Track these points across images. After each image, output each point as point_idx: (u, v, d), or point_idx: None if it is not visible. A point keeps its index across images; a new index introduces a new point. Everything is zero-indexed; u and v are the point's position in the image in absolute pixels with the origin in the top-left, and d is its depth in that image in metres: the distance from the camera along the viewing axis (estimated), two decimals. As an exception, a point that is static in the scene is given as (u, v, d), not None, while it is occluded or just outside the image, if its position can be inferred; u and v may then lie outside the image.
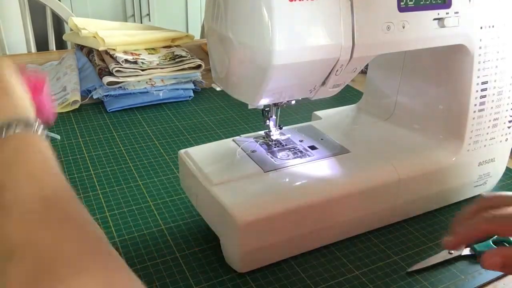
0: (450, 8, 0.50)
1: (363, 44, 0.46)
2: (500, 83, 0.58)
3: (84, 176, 0.68)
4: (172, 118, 0.88)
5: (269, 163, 0.54)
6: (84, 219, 0.30)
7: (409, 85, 0.63)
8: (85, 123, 0.85)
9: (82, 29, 1.03)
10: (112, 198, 0.63)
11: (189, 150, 0.57)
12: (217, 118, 0.89)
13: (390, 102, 0.66)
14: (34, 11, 1.45)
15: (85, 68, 1.02)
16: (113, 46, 0.97)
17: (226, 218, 0.47)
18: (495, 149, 0.61)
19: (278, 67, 0.43)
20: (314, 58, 0.45)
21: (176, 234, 0.56)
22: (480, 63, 0.55)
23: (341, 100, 0.96)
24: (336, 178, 0.53)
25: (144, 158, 0.74)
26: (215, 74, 0.53)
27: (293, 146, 0.59)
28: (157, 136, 0.81)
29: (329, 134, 0.62)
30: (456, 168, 0.59)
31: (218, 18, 0.47)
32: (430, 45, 0.52)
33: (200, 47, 1.30)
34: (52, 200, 0.30)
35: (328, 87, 0.50)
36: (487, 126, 0.59)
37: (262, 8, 0.42)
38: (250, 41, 0.44)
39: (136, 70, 0.92)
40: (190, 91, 0.97)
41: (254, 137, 0.59)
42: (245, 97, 0.50)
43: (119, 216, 0.59)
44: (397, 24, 0.48)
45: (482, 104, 0.57)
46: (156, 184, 0.66)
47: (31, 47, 1.41)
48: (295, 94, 0.51)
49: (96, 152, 0.75)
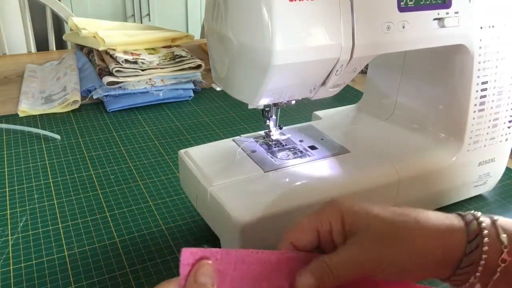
0: (450, 8, 0.50)
1: (363, 44, 0.46)
2: (500, 83, 0.58)
3: (84, 176, 0.68)
4: (172, 118, 0.88)
5: (269, 163, 0.54)
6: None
7: (409, 85, 0.63)
8: (85, 123, 0.85)
9: (82, 29, 1.03)
10: (112, 198, 0.63)
11: (189, 150, 0.57)
12: (217, 118, 0.89)
13: (390, 102, 0.66)
14: (34, 11, 1.46)
15: (85, 68, 1.02)
16: (113, 46, 0.97)
17: (226, 218, 0.47)
18: (495, 149, 0.61)
19: (278, 67, 0.43)
20: (314, 58, 0.45)
21: (176, 234, 0.56)
22: (480, 63, 0.55)
23: (341, 100, 0.96)
24: (336, 178, 0.53)
25: (144, 158, 0.74)
26: (215, 74, 0.53)
27: (293, 146, 0.59)
28: (157, 136, 0.81)
29: (329, 134, 0.62)
30: (456, 168, 0.59)
31: (218, 18, 0.47)
32: (430, 45, 0.52)
33: (200, 47, 1.30)
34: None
35: (328, 87, 0.50)
36: (487, 126, 0.59)
37: (262, 8, 0.42)
38: (250, 41, 0.44)
39: (136, 70, 0.92)
40: (190, 91, 0.97)
41: (254, 137, 0.59)
42: (245, 97, 0.50)
43: (119, 216, 0.59)
44: (397, 24, 0.48)
45: (482, 104, 0.57)
46: (156, 184, 0.66)
47: (31, 47, 1.41)
48: (295, 94, 0.51)
49: (96, 152, 0.75)
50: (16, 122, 0.84)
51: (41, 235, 0.56)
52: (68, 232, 0.56)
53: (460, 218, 0.36)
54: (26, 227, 0.57)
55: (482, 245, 0.34)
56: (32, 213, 0.59)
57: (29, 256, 0.52)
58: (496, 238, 0.35)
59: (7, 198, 0.62)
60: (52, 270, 0.50)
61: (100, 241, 0.55)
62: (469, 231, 0.35)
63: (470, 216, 0.36)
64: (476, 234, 0.35)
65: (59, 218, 0.59)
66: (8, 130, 0.81)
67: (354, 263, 0.35)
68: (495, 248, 0.35)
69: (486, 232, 0.35)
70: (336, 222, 0.37)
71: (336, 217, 0.37)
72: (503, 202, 0.64)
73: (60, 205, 0.61)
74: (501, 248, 0.34)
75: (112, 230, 0.57)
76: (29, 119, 0.86)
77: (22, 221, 0.58)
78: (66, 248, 0.54)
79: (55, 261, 0.51)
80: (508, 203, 0.64)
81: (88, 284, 0.49)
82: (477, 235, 0.35)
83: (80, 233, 0.56)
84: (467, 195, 0.63)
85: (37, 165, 0.71)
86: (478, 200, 0.64)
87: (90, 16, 2.11)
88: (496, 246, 0.35)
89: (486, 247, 0.34)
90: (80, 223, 0.58)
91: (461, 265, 0.35)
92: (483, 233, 0.35)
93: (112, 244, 0.54)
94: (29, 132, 0.81)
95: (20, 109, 0.88)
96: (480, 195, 0.65)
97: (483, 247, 0.34)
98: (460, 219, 0.36)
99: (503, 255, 0.34)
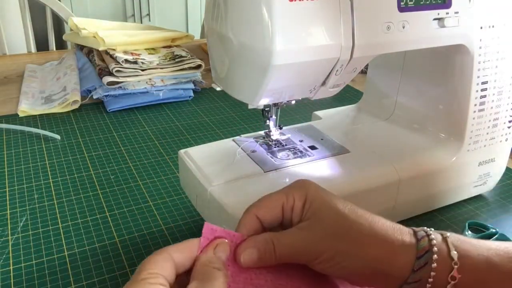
0: (450, 8, 0.50)
1: (363, 44, 0.46)
2: (500, 83, 0.58)
3: (84, 176, 0.68)
4: (172, 118, 0.88)
5: (269, 163, 0.54)
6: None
7: (409, 85, 0.63)
8: (85, 123, 0.85)
9: (82, 29, 1.03)
10: (112, 198, 0.63)
11: (189, 150, 0.57)
12: (217, 118, 0.89)
13: (390, 102, 0.66)
14: (34, 11, 1.46)
15: (85, 68, 1.02)
16: (113, 46, 0.97)
17: (226, 218, 0.47)
18: (495, 149, 0.61)
19: (278, 67, 0.43)
20: (314, 58, 0.45)
21: (176, 234, 0.56)
22: (480, 63, 0.55)
23: (341, 100, 0.96)
24: (336, 178, 0.53)
25: (144, 158, 0.74)
26: (215, 74, 0.53)
27: (293, 146, 0.59)
28: (157, 136, 0.81)
29: (329, 134, 0.62)
30: (456, 168, 0.59)
31: (218, 18, 0.47)
32: (430, 45, 0.52)
33: (200, 47, 1.30)
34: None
35: (328, 87, 0.50)
36: (487, 126, 0.59)
37: (262, 8, 0.42)
38: (250, 41, 0.44)
39: (136, 70, 0.92)
40: (190, 91, 0.97)
41: (254, 137, 0.59)
42: (245, 97, 0.50)
43: (119, 216, 0.59)
44: (397, 24, 0.48)
45: (482, 104, 0.57)
46: (156, 184, 0.66)
47: (31, 47, 1.41)
48: (295, 94, 0.51)
49: (96, 152, 0.75)
50: (16, 122, 0.84)
51: (41, 235, 0.56)
52: (68, 232, 0.56)
53: (412, 234, 0.36)
54: (26, 227, 0.57)
55: (431, 261, 0.34)
56: (32, 213, 0.59)
57: (29, 256, 0.52)
58: (446, 255, 0.35)
59: (7, 198, 0.62)
60: (52, 270, 0.50)
61: (100, 241, 0.55)
62: (419, 247, 0.35)
63: (422, 233, 0.36)
64: (426, 251, 0.35)
65: (59, 218, 0.59)
66: (8, 130, 0.81)
67: (298, 248, 0.35)
68: (445, 265, 0.35)
69: (435, 249, 0.35)
70: (298, 200, 0.37)
71: (300, 196, 0.37)
72: (503, 202, 0.64)
73: (60, 205, 0.61)
74: (451, 265, 0.34)
75: (112, 230, 0.57)
76: (29, 119, 0.86)
77: (22, 221, 0.58)
78: (66, 248, 0.54)
79: (55, 261, 0.51)
80: (508, 203, 0.64)
81: (88, 284, 0.49)
82: (426, 251, 0.35)
83: (80, 233, 0.56)
84: (467, 195, 0.63)
85: (37, 165, 0.71)
86: (478, 200, 0.64)
87: (90, 16, 2.11)
88: (446, 263, 0.35)
89: (435, 264, 0.34)
90: (80, 223, 0.58)
91: (407, 280, 0.35)
92: (433, 250, 0.35)
93: (112, 244, 0.54)
94: (29, 132, 0.81)
95: (20, 109, 0.88)
96: (480, 195, 0.65)
97: (432, 263, 0.34)
98: (412, 234, 0.36)
99: (453, 272, 0.34)
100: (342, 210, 0.36)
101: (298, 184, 0.38)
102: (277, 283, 0.36)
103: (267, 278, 0.36)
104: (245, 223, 0.37)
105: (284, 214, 0.37)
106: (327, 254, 0.35)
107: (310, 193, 0.37)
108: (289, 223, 0.38)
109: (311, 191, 0.37)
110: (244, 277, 0.35)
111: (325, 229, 0.35)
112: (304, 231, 0.35)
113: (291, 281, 0.36)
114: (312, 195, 0.37)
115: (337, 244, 0.35)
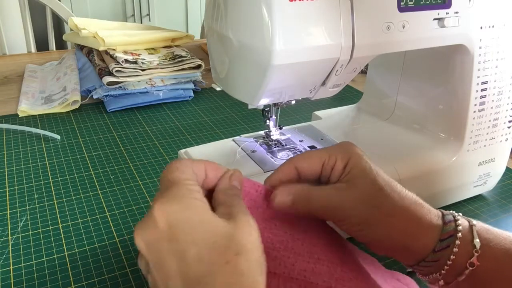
0: (450, 8, 0.50)
1: (363, 44, 0.46)
2: (500, 83, 0.58)
3: (84, 176, 0.68)
4: (172, 118, 0.88)
5: (269, 163, 0.54)
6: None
7: (409, 85, 0.63)
8: (85, 123, 0.85)
9: (82, 29, 1.03)
10: (112, 198, 0.63)
11: (189, 150, 0.57)
12: (217, 118, 0.89)
13: (390, 102, 0.66)
14: (34, 11, 1.46)
15: (85, 68, 1.02)
16: (113, 46, 0.97)
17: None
18: (495, 149, 0.61)
19: (278, 67, 0.43)
20: (314, 58, 0.45)
21: (176, 234, 0.56)
22: (480, 63, 0.55)
23: (341, 100, 0.96)
24: (336, 178, 0.53)
25: (144, 158, 0.74)
26: (215, 74, 0.53)
27: (293, 146, 0.59)
28: (157, 136, 0.81)
29: (329, 134, 0.62)
30: (456, 168, 0.59)
31: (218, 18, 0.47)
32: (430, 45, 0.52)
33: (200, 47, 1.30)
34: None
35: (328, 87, 0.50)
36: (487, 126, 0.59)
37: (262, 8, 0.42)
38: (250, 41, 0.44)
39: (136, 70, 0.92)
40: (190, 91, 0.97)
41: (254, 137, 0.59)
42: (245, 97, 0.50)
43: (119, 216, 0.59)
44: (397, 24, 0.48)
45: (482, 104, 0.57)
46: (156, 184, 0.66)
47: (31, 47, 1.41)
48: (295, 94, 0.51)
49: (96, 152, 0.75)
50: (16, 122, 0.84)
51: (41, 235, 0.56)
52: (68, 232, 0.56)
53: (440, 216, 0.37)
54: (26, 227, 0.57)
55: (453, 246, 0.35)
56: (32, 213, 0.59)
57: (29, 256, 0.52)
58: (469, 242, 0.36)
59: (7, 198, 0.63)
60: (52, 270, 0.50)
61: (100, 241, 0.55)
62: (444, 230, 0.36)
63: (450, 217, 0.37)
64: (450, 235, 0.36)
65: (59, 218, 0.59)
66: (8, 130, 0.81)
67: (332, 205, 0.36)
68: (466, 251, 0.35)
69: (460, 235, 0.36)
70: (341, 161, 0.38)
71: (343, 158, 0.38)
72: (503, 202, 0.64)
73: (60, 205, 0.61)
74: (472, 252, 0.35)
75: (112, 230, 0.57)
76: (29, 119, 0.86)
77: (22, 221, 0.58)
78: (66, 248, 0.54)
79: (55, 261, 0.51)
80: (508, 203, 0.64)
81: (88, 284, 0.49)
82: (450, 235, 0.36)
83: (80, 233, 0.56)
84: (467, 195, 0.63)
85: (37, 165, 0.71)
86: (478, 200, 0.64)
87: (90, 16, 2.11)
88: (467, 249, 0.36)
89: (456, 249, 0.35)
90: (80, 223, 0.58)
91: (426, 258, 0.36)
92: (457, 235, 0.36)
93: (112, 244, 0.54)
94: (29, 132, 0.81)
95: (20, 109, 0.88)
96: (480, 195, 0.65)
97: (454, 248, 0.35)
98: (440, 217, 0.37)
99: (472, 259, 0.35)
100: (378, 182, 0.37)
101: (344, 146, 0.39)
102: (295, 237, 0.37)
103: (286, 230, 0.37)
104: (283, 170, 0.39)
105: (323, 172, 0.39)
106: (357, 219, 0.36)
107: (353, 159, 0.38)
108: (325, 181, 0.39)
109: (354, 157, 0.38)
110: (264, 226, 0.36)
111: (360, 196, 0.36)
112: (341, 192, 0.37)
113: (309, 238, 0.37)
114: (354, 161, 0.38)
115: (368, 212, 0.36)
